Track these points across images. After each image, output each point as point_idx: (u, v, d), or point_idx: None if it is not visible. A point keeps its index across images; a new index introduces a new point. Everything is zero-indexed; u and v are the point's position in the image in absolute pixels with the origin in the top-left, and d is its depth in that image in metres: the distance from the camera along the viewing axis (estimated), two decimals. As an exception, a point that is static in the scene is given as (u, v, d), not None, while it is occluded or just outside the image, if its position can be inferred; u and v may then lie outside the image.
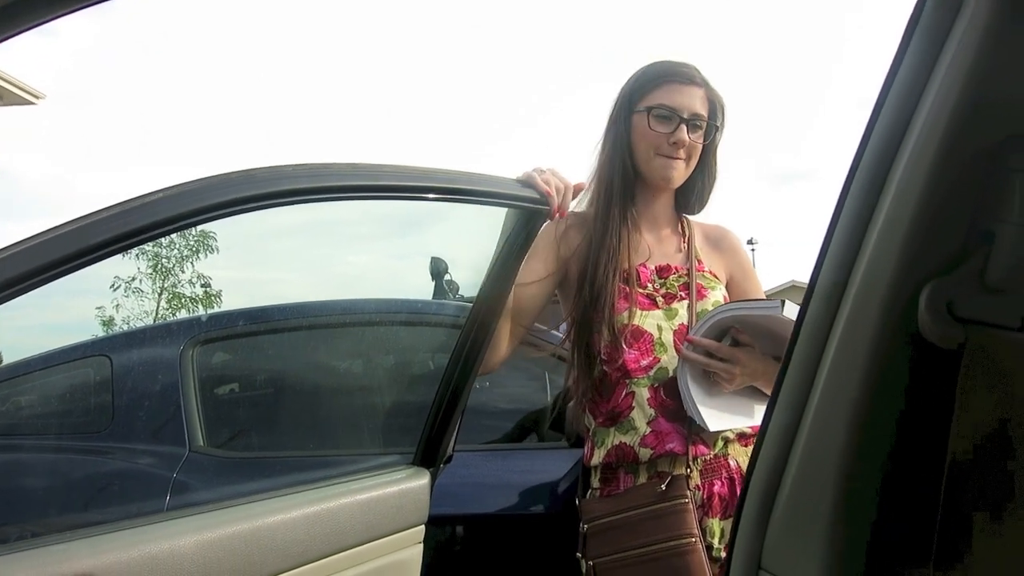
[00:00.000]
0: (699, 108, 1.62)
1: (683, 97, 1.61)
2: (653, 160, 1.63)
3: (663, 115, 1.61)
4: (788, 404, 0.64)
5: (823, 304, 0.62)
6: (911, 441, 0.60)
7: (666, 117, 1.61)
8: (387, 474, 1.48)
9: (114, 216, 0.96)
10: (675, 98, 1.61)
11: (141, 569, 1.05)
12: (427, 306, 2.65)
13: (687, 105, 1.61)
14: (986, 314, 0.56)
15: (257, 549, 1.19)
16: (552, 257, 1.65)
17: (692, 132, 1.61)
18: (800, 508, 0.62)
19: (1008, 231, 0.55)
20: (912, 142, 0.56)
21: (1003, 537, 0.56)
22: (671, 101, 1.61)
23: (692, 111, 1.61)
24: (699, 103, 1.62)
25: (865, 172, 0.59)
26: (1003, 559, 0.56)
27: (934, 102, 0.55)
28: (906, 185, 0.56)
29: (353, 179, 1.17)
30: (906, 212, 0.56)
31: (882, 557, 0.61)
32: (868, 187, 0.59)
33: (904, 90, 0.57)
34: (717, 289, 1.68)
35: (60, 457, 2.27)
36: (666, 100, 1.61)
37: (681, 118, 1.60)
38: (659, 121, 1.61)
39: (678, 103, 1.61)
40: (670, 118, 1.60)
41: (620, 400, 1.58)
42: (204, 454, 2.13)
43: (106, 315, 15.34)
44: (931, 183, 0.55)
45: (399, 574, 1.45)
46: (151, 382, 2.26)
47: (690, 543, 1.44)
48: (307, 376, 2.51)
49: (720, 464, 1.57)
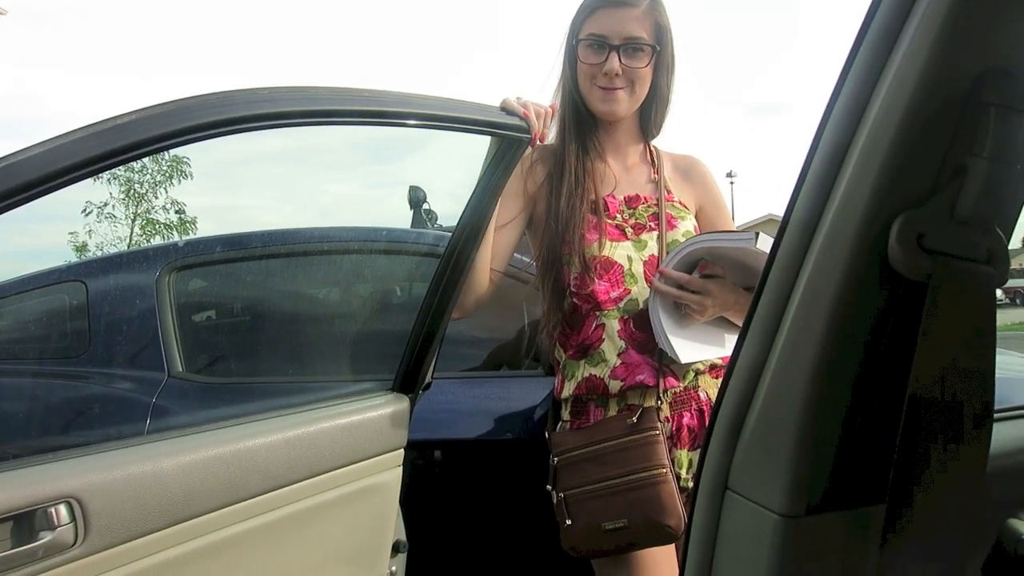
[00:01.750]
0: (635, 31, 1.55)
1: (614, 22, 1.55)
2: (592, 92, 1.60)
3: (593, 44, 1.57)
4: (759, 333, 0.65)
5: (797, 235, 0.63)
6: (876, 372, 0.62)
7: (597, 46, 1.56)
8: (367, 399, 1.50)
9: (87, 137, 0.94)
10: (605, 24, 1.55)
11: (124, 489, 1.07)
12: (406, 234, 2.64)
13: (618, 30, 1.55)
14: (954, 246, 0.57)
15: (239, 470, 1.21)
16: (521, 194, 1.64)
17: (629, 58, 1.56)
18: (766, 434, 0.64)
19: (980, 165, 0.55)
20: (891, 76, 0.56)
21: (955, 470, 0.58)
22: (600, 28, 1.56)
23: (625, 35, 1.55)
24: (635, 25, 1.55)
25: (842, 106, 0.60)
26: (952, 492, 0.58)
27: (913, 36, 0.55)
28: (883, 119, 0.56)
29: (331, 103, 1.15)
30: (882, 145, 0.56)
31: (842, 482, 0.63)
32: (845, 121, 0.59)
33: (884, 24, 0.57)
34: (687, 219, 1.66)
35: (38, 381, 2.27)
36: (595, 28, 1.56)
37: (611, 45, 1.55)
38: (590, 51, 1.57)
39: (608, 29, 1.55)
40: (601, 46, 1.56)
41: (590, 332, 1.58)
42: (183, 379, 2.14)
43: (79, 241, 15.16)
44: (907, 116, 0.55)
45: (378, 496, 1.48)
46: (128, 308, 2.25)
47: (661, 474, 1.45)
48: (286, 303, 2.52)
49: (690, 396, 1.58)
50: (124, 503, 1.06)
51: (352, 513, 1.43)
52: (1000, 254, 0.58)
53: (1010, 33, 0.55)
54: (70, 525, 1.01)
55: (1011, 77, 0.55)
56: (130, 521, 1.07)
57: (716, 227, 1.73)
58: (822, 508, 0.63)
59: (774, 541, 0.62)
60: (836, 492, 0.64)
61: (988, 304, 0.58)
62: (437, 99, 1.26)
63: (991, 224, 0.58)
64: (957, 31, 0.53)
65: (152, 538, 1.10)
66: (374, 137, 1.37)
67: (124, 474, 1.08)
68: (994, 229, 0.58)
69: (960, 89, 0.55)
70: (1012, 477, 0.82)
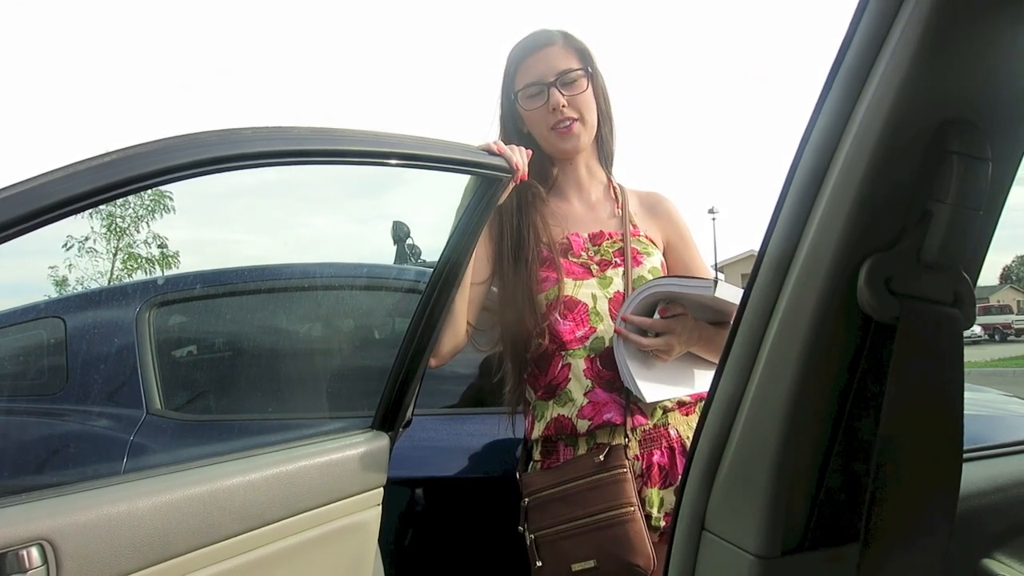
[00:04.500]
0: (563, 64, 1.61)
1: (540, 64, 1.61)
2: (550, 137, 1.63)
3: (531, 92, 1.62)
4: (734, 372, 0.66)
5: (770, 275, 0.64)
6: (849, 412, 0.63)
7: (535, 93, 1.61)
8: (346, 437, 1.49)
9: (67, 177, 0.94)
10: (534, 70, 1.61)
11: (99, 531, 1.05)
12: (388, 271, 2.64)
13: (548, 69, 1.60)
14: (921, 289, 0.58)
15: (216, 511, 1.19)
16: (489, 252, 1.65)
17: (568, 88, 1.60)
18: (742, 473, 0.65)
19: (944, 210, 0.57)
20: (856, 124, 0.58)
21: (927, 509, 0.59)
22: (531, 75, 1.61)
23: (556, 71, 1.60)
24: (560, 59, 1.61)
25: (811, 151, 0.61)
26: (925, 531, 0.59)
27: (878, 85, 0.57)
28: (850, 165, 0.58)
29: (312, 143, 1.15)
30: (850, 190, 0.58)
31: (817, 522, 0.64)
32: (814, 165, 0.61)
33: (850, 73, 0.59)
34: (654, 255, 1.67)
35: (13, 419, 2.24)
36: (527, 78, 1.62)
37: (547, 83, 1.60)
38: (531, 99, 1.62)
39: (538, 72, 1.61)
40: (539, 89, 1.61)
41: (557, 372, 1.58)
42: (162, 417, 2.12)
43: (59, 275, 15.04)
44: (874, 163, 0.57)
45: (358, 536, 1.47)
46: (107, 344, 2.23)
47: (629, 512, 1.45)
48: (266, 340, 2.50)
49: (660, 434, 1.57)
50: (98, 545, 1.05)
51: (330, 553, 1.41)
52: (966, 297, 0.60)
53: (970, 85, 0.57)
54: (41, 568, 0.99)
55: (972, 126, 0.57)
56: (104, 563, 1.05)
57: (684, 262, 1.74)
58: (797, 549, 0.63)
59: (750, 582, 0.62)
60: (811, 533, 0.64)
61: (955, 345, 0.59)
62: (420, 139, 1.27)
63: (956, 268, 0.59)
64: (920, 82, 0.55)
65: (126, 580, 1.08)
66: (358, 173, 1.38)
67: (98, 515, 1.06)
68: (960, 272, 0.60)
69: (924, 138, 0.57)
70: (987, 516, 0.82)
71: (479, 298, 1.65)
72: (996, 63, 0.57)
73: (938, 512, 0.59)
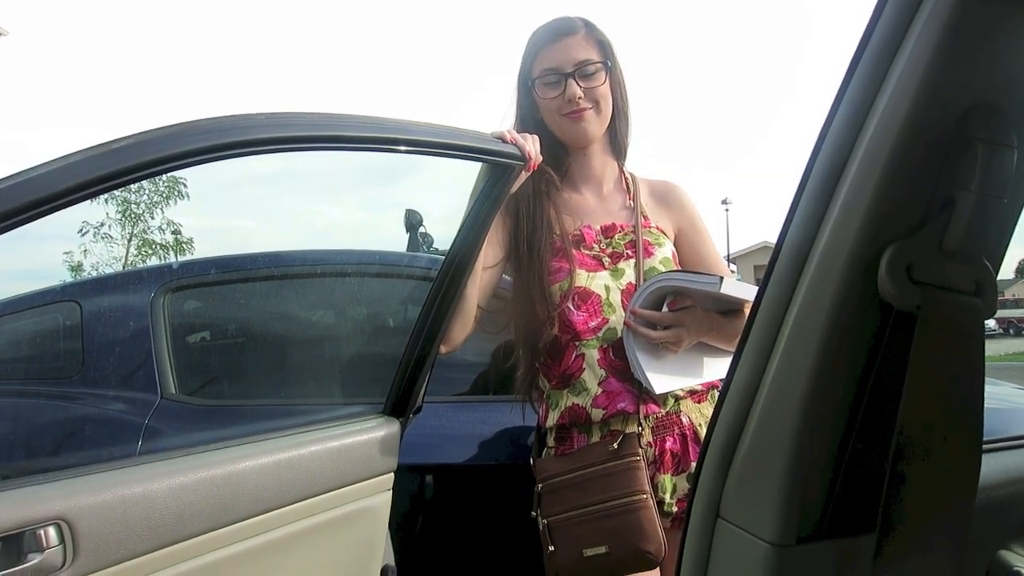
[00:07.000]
0: (582, 54, 1.60)
1: (560, 53, 1.60)
2: (561, 123, 1.63)
3: (549, 80, 1.61)
4: (751, 360, 0.65)
5: (789, 264, 0.63)
6: (867, 401, 0.62)
7: (552, 82, 1.61)
8: (358, 423, 1.50)
9: (82, 162, 0.95)
10: (553, 58, 1.60)
11: (114, 511, 1.06)
12: (400, 258, 2.65)
13: (567, 59, 1.60)
14: (942, 278, 0.58)
15: (229, 494, 1.20)
16: (500, 243, 1.66)
17: (586, 80, 1.60)
18: (757, 461, 0.64)
19: (967, 198, 0.56)
20: (880, 110, 0.57)
21: (945, 500, 0.58)
22: (550, 62, 1.61)
23: (575, 61, 1.60)
24: (581, 50, 1.60)
25: (833, 139, 0.60)
26: (942, 522, 0.58)
27: (902, 72, 0.56)
28: (873, 151, 0.57)
29: (326, 129, 1.15)
30: (872, 177, 0.57)
31: (833, 511, 0.64)
32: (836, 153, 0.60)
33: (873, 60, 0.58)
34: (665, 245, 1.68)
35: (29, 402, 2.26)
36: (546, 64, 1.61)
37: (565, 74, 1.59)
38: (548, 87, 1.62)
39: (557, 61, 1.60)
40: (556, 78, 1.60)
41: (571, 362, 1.59)
42: (176, 401, 2.13)
43: (74, 260, 15.16)
44: (897, 150, 0.56)
45: (368, 521, 1.48)
46: (122, 329, 2.25)
47: (641, 499, 1.46)
48: (279, 326, 2.51)
49: (672, 421, 1.59)
50: (113, 525, 1.06)
51: (341, 537, 1.42)
52: (988, 286, 0.59)
53: (995, 70, 0.56)
54: (59, 547, 1.00)
55: (997, 112, 0.56)
56: (119, 543, 1.06)
57: (696, 249, 1.74)
58: (813, 537, 0.63)
59: (765, 570, 0.62)
60: (827, 521, 0.64)
61: (976, 335, 0.58)
62: (432, 126, 1.27)
63: (979, 256, 0.59)
64: (945, 68, 0.54)
65: (141, 560, 1.09)
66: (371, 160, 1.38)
67: (114, 496, 1.07)
68: (982, 261, 0.59)
69: (948, 124, 0.56)
70: (1004, 508, 0.82)
71: (490, 282, 1.65)
72: (1022, 48, 0.56)
73: (957, 504, 0.58)
